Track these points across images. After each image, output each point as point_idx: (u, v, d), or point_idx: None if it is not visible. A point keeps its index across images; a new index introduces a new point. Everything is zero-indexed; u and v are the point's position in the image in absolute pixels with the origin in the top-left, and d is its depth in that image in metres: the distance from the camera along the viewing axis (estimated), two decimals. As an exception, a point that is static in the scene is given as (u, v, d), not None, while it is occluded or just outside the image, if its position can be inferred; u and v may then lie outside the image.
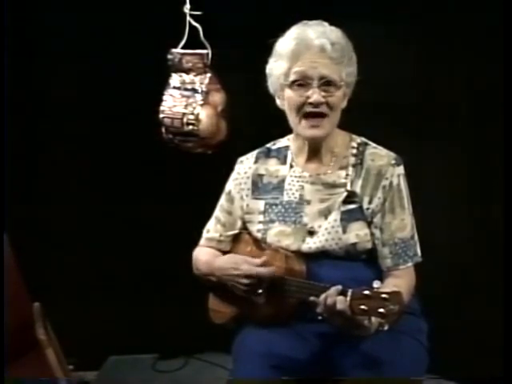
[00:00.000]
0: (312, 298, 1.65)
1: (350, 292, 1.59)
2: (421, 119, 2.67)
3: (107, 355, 3.11)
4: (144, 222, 2.95)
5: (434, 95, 2.64)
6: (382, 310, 1.53)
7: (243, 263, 1.78)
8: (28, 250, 2.42)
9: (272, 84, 1.84)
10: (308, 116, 1.76)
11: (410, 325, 1.80)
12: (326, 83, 1.73)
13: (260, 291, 1.77)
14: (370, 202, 1.79)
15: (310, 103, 1.74)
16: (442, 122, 2.66)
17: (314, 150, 1.85)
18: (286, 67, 1.77)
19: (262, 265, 1.76)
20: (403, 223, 1.81)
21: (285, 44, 1.78)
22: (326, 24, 1.78)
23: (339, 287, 1.61)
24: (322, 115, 1.75)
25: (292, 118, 1.80)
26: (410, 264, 1.81)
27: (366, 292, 1.56)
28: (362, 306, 1.56)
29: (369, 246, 1.79)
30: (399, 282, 1.75)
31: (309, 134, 1.79)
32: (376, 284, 1.57)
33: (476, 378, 2.62)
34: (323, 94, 1.73)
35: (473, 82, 2.58)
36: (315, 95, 1.73)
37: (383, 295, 1.55)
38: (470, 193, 2.67)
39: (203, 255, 1.96)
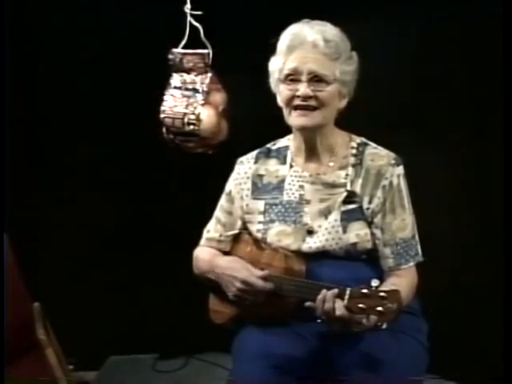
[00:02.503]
0: (308, 304, 1.64)
1: (348, 291, 1.59)
2: (421, 119, 2.67)
3: (107, 355, 3.11)
4: (144, 222, 2.96)
5: (434, 95, 2.64)
6: (380, 308, 1.53)
7: (243, 269, 1.78)
8: (28, 250, 2.42)
9: (272, 81, 1.85)
10: (297, 108, 1.77)
11: (410, 324, 1.80)
12: (316, 78, 1.74)
13: (247, 302, 1.77)
14: (369, 202, 1.79)
15: (299, 96, 1.74)
16: (442, 122, 2.66)
17: (312, 149, 1.85)
18: (281, 62, 1.79)
19: (262, 278, 1.75)
20: (404, 223, 1.81)
21: (282, 40, 1.80)
22: (327, 24, 1.79)
23: (335, 291, 1.61)
24: (310, 108, 1.75)
25: (285, 112, 1.81)
26: (412, 264, 1.81)
27: (365, 290, 1.57)
28: (360, 305, 1.56)
29: (369, 245, 1.79)
30: (401, 281, 1.75)
31: (298, 123, 1.79)
32: (374, 282, 1.57)
33: (476, 377, 2.62)
34: (312, 88, 1.74)
35: (473, 82, 2.58)
36: (303, 88, 1.74)
37: (381, 294, 1.55)
38: (470, 193, 2.67)
39: (204, 254, 1.96)
